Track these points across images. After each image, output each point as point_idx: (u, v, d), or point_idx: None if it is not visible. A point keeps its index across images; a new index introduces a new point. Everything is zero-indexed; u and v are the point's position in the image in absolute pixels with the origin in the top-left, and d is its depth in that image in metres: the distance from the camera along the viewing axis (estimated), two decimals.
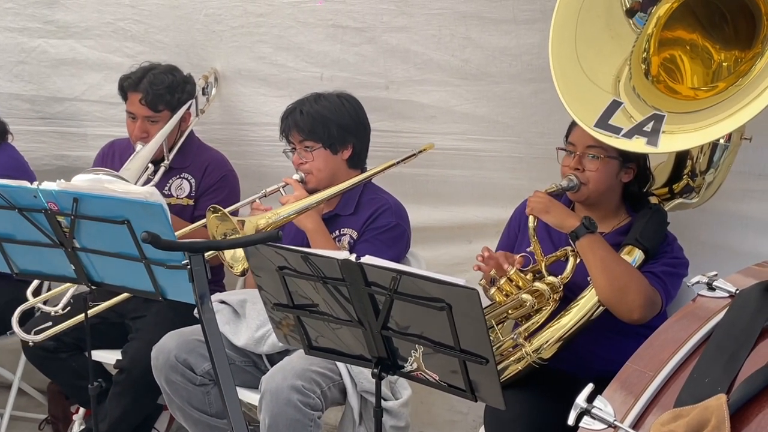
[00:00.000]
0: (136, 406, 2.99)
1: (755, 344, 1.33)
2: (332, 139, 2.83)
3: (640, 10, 2.47)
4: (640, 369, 1.37)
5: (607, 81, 2.44)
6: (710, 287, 1.45)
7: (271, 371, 2.65)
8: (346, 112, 2.87)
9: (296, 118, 2.84)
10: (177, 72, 3.24)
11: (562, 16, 2.51)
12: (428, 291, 1.95)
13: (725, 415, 1.22)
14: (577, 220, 2.39)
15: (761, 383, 1.26)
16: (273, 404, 2.56)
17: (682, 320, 1.45)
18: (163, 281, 2.31)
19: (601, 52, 2.49)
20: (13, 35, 3.73)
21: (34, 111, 3.78)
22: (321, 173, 2.85)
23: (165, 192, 3.19)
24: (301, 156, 2.85)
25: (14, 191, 2.23)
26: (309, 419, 2.58)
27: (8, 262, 2.44)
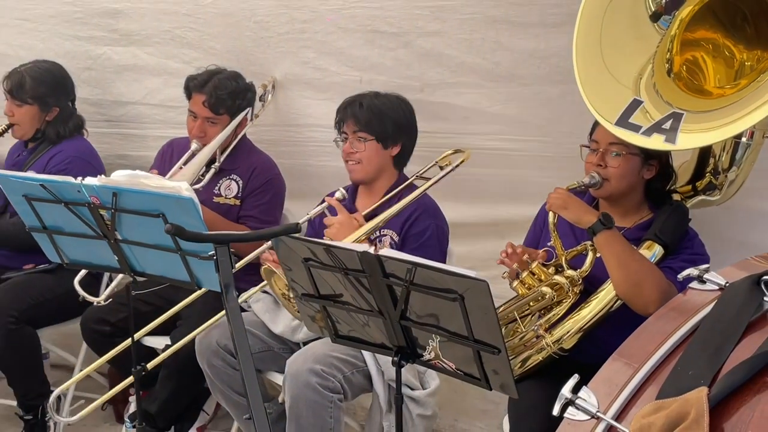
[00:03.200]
0: (183, 389, 3.04)
1: (741, 338, 1.27)
2: (386, 134, 2.81)
3: (664, 13, 2.40)
4: (625, 361, 1.31)
5: (629, 79, 2.37)
6: (701, 280, 1.38)
7: (294, 356, 2.68)
8: (402, 111, 2.86)
9: (355, 110, 2.82)
10: (240, 79, 3.26)
11: (588, 18, 2.46)
12: (442, 282, 1.93)
13: (705, 408, 1.16)
14: (595, 216, 2.34)
15: (742, 377, 1.19)
16: (293, 386, 2.59)
17: (669, 313, 1.39)
18: (198, 272, 2.34)
19: (625, 51, 2.43)
20: (81, 43, 3.83)
21: (99, 114, 3.86)
22: (370, 165, 2.84)
23: (215, 191, 3.22)
24: (353, 145, 2.83)
25: (60, 186, 2.27)
26: (328, 401, 2.59)
27: (59, 252, 2.49)
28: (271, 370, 2.90)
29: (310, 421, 2.60)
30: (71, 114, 3.53)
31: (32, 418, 3.31)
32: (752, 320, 1.29)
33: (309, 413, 2.59)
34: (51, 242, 2.46)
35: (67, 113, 3.51)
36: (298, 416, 2.60)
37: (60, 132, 3.46)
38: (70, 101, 3.55)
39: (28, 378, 3.30)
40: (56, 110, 3.47)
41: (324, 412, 2.60)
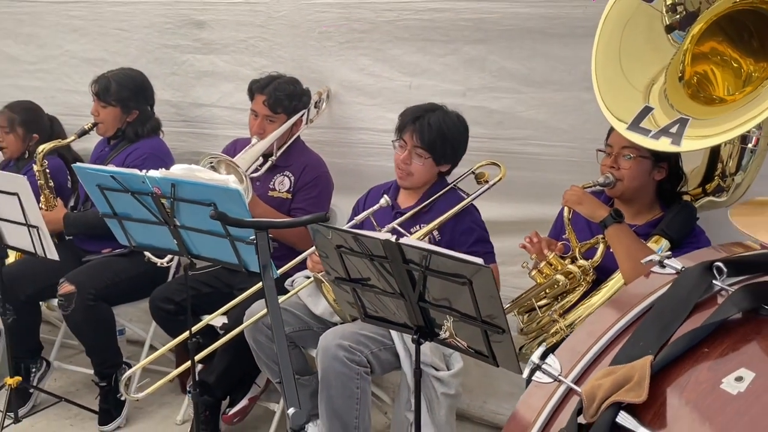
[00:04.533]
0: (237, 363, 3.21)
1: (689, 316, 1.36)
2: (443, 156, 2.90)
3: (678, 28, 2.47)
4: (588, 332, 1.42)
5: (643, 86, 2.45)
6: (662, 265, 1.48)
7: (326, 333, 2.83)
8: (461, 136, 2.92)
9: (423, 126, 2.84)
10: (298, 84, 3.45)
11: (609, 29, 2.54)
12: (453, 268, 2.06)
13: (647, 372, 1.27)
14: (606, 211, 2.45)
15: (683, 347, 1.30)
16: (323, 359, 2.74)
17: (631, 290, 1.49)
18: (245, 255, 2.52)
19: (642, 59, 2.51)
20: (168, 51, 4.04)
21: (178, 115, 4.07)
22: (419, 178, 2.92)
23: (270, 186, 3.41)
24: (410, 156, 2.88)
25: (128, 177, 2.49)
26: (355, 373, 2.73)
27: (127, 236, 2.72)
28: (311, 347, 3.06)
29: (339, 391, 2.74)
30: (149, 117, 3.75)
31: (106, 385, 3.56)
32: (700, 301, 1.38)
33: (338, 383, 2.74)
34: (121, 227, 2.69)
35: (146, 116, 3.73)
36: (329, 386, 2.75)
37: (138, 132, 3.68)
38: (149, 105, 3.77)
39: (104, 349, 3.54)
40: (136, 113, 3.69)
41: (351, 383, 2.75)
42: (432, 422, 2.84)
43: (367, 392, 2.79)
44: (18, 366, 3.54)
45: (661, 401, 1.25)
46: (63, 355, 4.00)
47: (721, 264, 1.41)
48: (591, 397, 1.27)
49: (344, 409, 2.75)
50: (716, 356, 1.28)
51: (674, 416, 1.23)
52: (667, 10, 2.46)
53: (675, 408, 1.24)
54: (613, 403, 1.25)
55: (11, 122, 3.88)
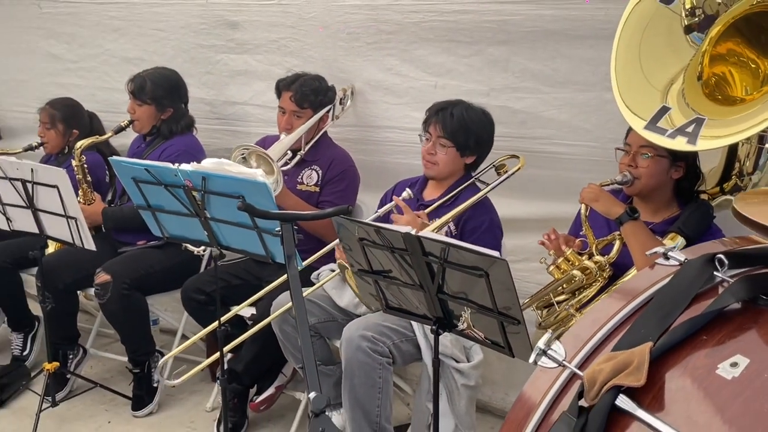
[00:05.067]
0: (265, 352, 3.28)
1: (689, 305, 1.40)
2: (466, 145, 2.96)
3: (697, 30, 2.50)
4: (592, 319, 1.47)
5: (661, 83, 2.48)
6: (666, 257, 1.52)
7: (349, 324, 2.88)
8: (485, 128, 2.99)
9: (446, 117, 2.94)
10: (323, 80, 3.52)
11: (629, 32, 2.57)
12: (470, 261, 2.11)
13: (646, 358, 1.31)
14: (622, 208, 2.49)
15: (682, 334, 1.34)
16: (347, 349, 2.80)
17: (635, 281, 1.53)
18: (272, 247, 2.59)
19: (661, 60, 2.54)
20: (204, 51, 4.12)
21: (212, 112, 4.16)
22: (444, 168, 2.99)
23: (298, 180, 3.48)
24: (434, 147, 2.97)
25: (161, 170, 2.57)
26: (378, 363, 2.78)
27: (161, 227, 2.80)
28: (335, 338, 3.11)
29: (361, 381, 2.79)
30: (183, 115, 3.83)
31: (140, 371, 3.66)
32: (701, 291, 1.42)
33: (361, 373, 2.79)
34: (154, 219, 2.78)
35: (180, 114, 3.81)
36: (352, 375, 2.81)
37: (172, 129, 3.77)
38: (183, 103, 3.85)
39: (137, 337, 3.64)
40: (170, 111, 3.78)
41: (374, 373, 2.80)
42: (452, 412, 2.89)
43: (389, 382, 2.84)
44: (56, 352, 3.63)
45: (659, 385, 1.29)
46: (99, 343, 4.11)
47: (722, 256, 1.44)
48: (592, 380, 1.32)
49: (366, 399, 2.80)
50: (714, 343, 1.31)
51: (671, 399, 1.27)
52: (686, 14, 2.48)
53: (672, 392, 1.28)
54: (613, 386, 1.29)
55: (52, 118, 4.00)
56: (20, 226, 3.38)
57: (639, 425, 1.26)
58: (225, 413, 3.02)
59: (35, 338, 4.07)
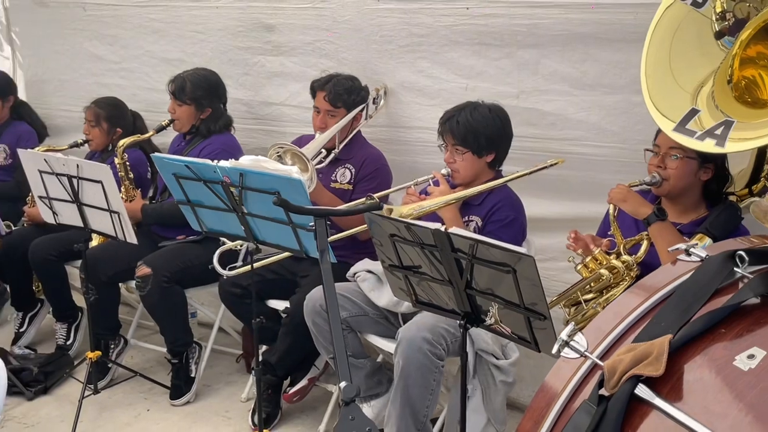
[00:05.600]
0: (298, 344, 3.32)
1: (709, 300, 1.43)
2: (479, 147, 2.99)
3: (728, 34, 2.50)
4: (614, 312, 1.50)
5: (691, 86, 2.48)
6: (687, 253, 1.54)
7: (408, 324, 2.90)
8: (494, 125, 3.01)
9: (453, 126, 3.00)
10: (356, 80, 3.58)
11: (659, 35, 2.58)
12: (498, 257, 2.14)
13: (665, 349, 1.34)
14: (650, 209, 2.50)
15: (701, 327, 1.36)
16: (407, 350, 2.80)
17: (657, 276, 1.56)
18: (306, 243, 2.65)
19: (691, 63, 2.54)
20: (241, 53, 4.18)
21: (249, 113, 4.21)
22: (466, 172, 3.03)
23: (332, 178, 3.53)
24: (452, 155, 3.03)
25: (200, 167, 2.64)
26: (435, 366, 2.80)
27: (199, 222, 2.87)
28: (367, 333, 3.16)
29: (417, 382, 2.80)
30: (221, 114, 3.90)
31: (178, 362, 3.73)
32: (721, 286, 1.44)
33: (417, 375, 2.79)
34: (193, 213, 2.85)
35: (218, 113, 3.88)
36: (407, 376, 2.81)
37: (211, 128, 3.84)
38: (222, 104, 3.92)
39: (176, 328, 3.71)
40: (209, 110, 3.84)
41: (429, 375, 2.81)
42: (486, 408, 2.92)
43: (440, 384, 2.86)
44: (98, 342, 3.72)
45: (677, 376, 1.32)
46: (139, 334, 4.20)
47: (743, 253, 1.46)
48: (612, 370, 1.35)
49: (418, 399, 2.82)
50: (732, 336, 1.34)
51: (689, 389, 1.30)
52: (716, 18, 2.49)
53: (690, 382, 1.31)
54: (633, 376, 1.32)
55: (97, 117, 4.10)
56: (66, 220, 3.48)
57: (657, 414, 1.29)
58: (259, 404, 3.07)
59: (79, 328, 4.16)
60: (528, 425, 1.45)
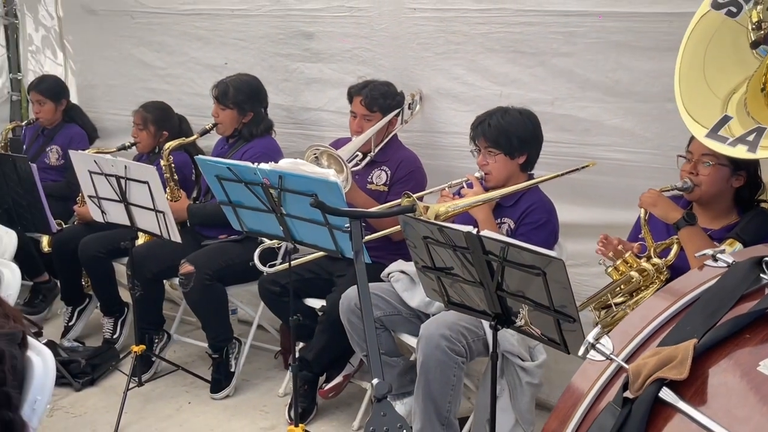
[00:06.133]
0: (333, 342, 3.35)
1: (734, 306, 1.42)
2: (512, 148, 2.99)
3: (763, 43, 2.47)
4: (640, 316, 1.50)
5: (723, 93, 2.46)
6: (714, 259, 1.54)
7: (428, 321, 2.92)
8: (525, 127, 3.02)
9: (485, 128, 3.02)
10: (391, 86, 3.60)
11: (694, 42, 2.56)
12: (529, 260, 2.15)
13: (690, 353, 1.34)
14: (680, 214, 2.49)
15: (725, 332, 1.36)
16: (426, 347, 2.82)
17: (683, 281, 1.56)
18: (342, 243, 2.67)
19: (725, 70, 2.52)
20: (281, 59, 4.23)
21: (289, 117, 4.25)
22: (499, 174, 3.03)
23: (368, 179, 3.55)
24: (485, 158, 3.03)
25: (242, 169, 2.69)
26: (454, 362, 2.81)
27: (240, 222, 2.92)
28: (400, 332, 3.17)
29: (437, 377, 2.83)
30: (263, 118, 3.94)
31: (218, 357, 3.78)
32: (747, 292, 1.44)
33: (437, 371, 2.82)
34: (234, 214, 2.90)
35: (260, 118, 3.92)
36: (428, 372, 2.84)
37: (253, 132, 3.88)
38: (263, 108, 3.96)
39: (217, 324, 3.76)
40: (251, 115, 3.89)
41: (449, 371, 2.83)
42: (513, 409, 2.92)
43: (462, 380, 2.88)
44: (143, 336, 3.78)
45: (701, 380, 1.32)
46: (182, 330, 4.26)
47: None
48: (637, 373, 1.35)
49: (440, 395, 2.83)
50: (757, 342, 1.33)
51: (713, 393, 1.30)
52: (752, 27, 2.46)
53: (714, 386, 1.30)
54: (657, 379, 1.32)
55: (144, 120, 4.17)
56: (114, 219, 3.55)
57: (681, 417, 1.29)
58: (295, 399, 3.10)
59: (125, 323, 4.23)
60: (554, 425, 1.45)
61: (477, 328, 2.89)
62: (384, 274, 3.26)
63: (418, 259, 2.52)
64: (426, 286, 2.61)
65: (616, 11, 3.09)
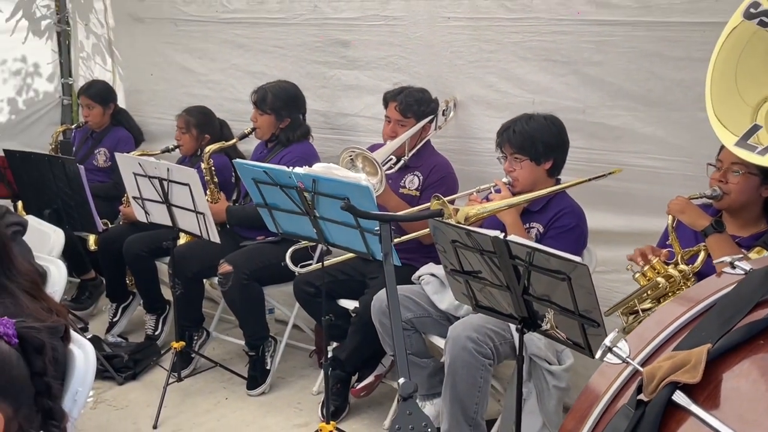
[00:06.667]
0: (366, 342, 3.39)
1: (749, 312, 1.43)
2: (537, 154, 3.00)
3: None
4: (656, 321, 1.51)
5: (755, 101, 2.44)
6: (732, 266, 1.54)
7: (455, 323, 2.94)
8: (550, 132, 3.02)
9: (510, 135, 3.03)
10: (426, 92, 3.63)
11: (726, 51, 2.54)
12: (554, 265, 2.17)
13: (703, 358, 1.34)
14: (708, 221, 2.48)
15: (740, 338, 1.36)
16: (453, 348, 2.85)
17: (700, 287, 1.56)
18: (373, 245, 2.71)
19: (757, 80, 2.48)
20: (319, 66, 4.29)
21: (326, 123, 4.31)
22: (525, 180, 3.04)
23: (401, 184, 3.58)
24: (511, 164, 3.05)
25: (277, 173, 2.74)
26: (480, 364, 2.83)
27: (275, 224, 2.97)
28: (430, 333, 3.19)
29: (464, 379, 2.85)
30: (300, 124, 3.99)
31: (255, 354, 3.84)
32: (763, 299, 1.43)
33: (464, 372, 2.84)
34: (270, 216, 2.95)
35: (297, 123, 3.97)
36: (455, 373, 2.86)
37: (290, 137, 3.94)
38: (301, 114, 4.01)
39: (254, 323, 3.82)
40: (288, 120, 3.94)
41: (476, 373, 2.84)
42: (541, 411, 2.92)
43: (489, 382, 2.89)
44: (183, 333, 3.86)
45: (714, 384, 1.32)
46: (221, 328, 4.33)
47: None
48: (651, 376, 1.36)
49: (466, 396, 2.85)
50: None
51: (725, 397, 1.30)
52: None
53: (727, 390, 1.31)
54: (670, 382, 1.33)
55: (187, 124, 4.27)
56: (156, 219, 3.65)
57: (693, 420, 1.30)
58: (327, 397, 3.14)
59: (166, 320, 4.33)
60: (571, 424, 1.47)
61: (504, 331, 2.90)
62: (415, 277, 3.29)
63: (447, 262, 2.55)
64: (455, 289, 2.64)
65: (648, 20, 3.08)
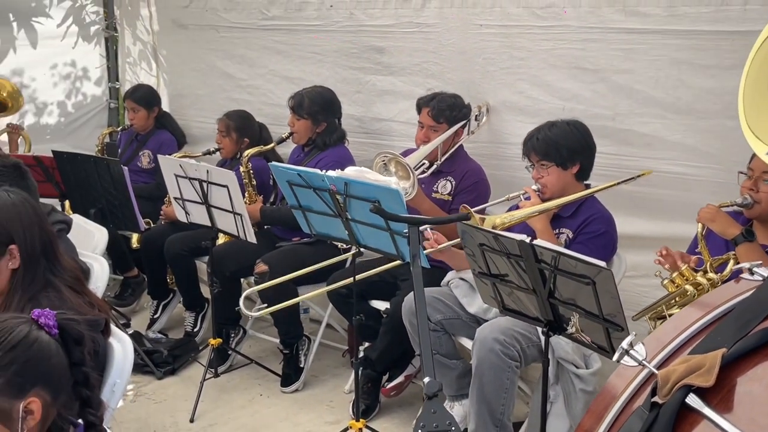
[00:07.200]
0: (396, 343, 3.42)
1: (765, 318, 1.43)
2: (563, 159, 3.01)
3: None
4: (674, 325, 1.53)
5: None
6: (751, 272, 1.55)
7: (483, 326, 2.96)
8: (574, 137, 3.02)
9: (534, 143, 3.05)
10: (458, 98, 3.65)
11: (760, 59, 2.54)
12: (579, 269, 2.18)
13: (717, 362, 1.36)
14: (738, 230, 2.47)
15: (754, 342, 1.37)
16: (480, 350, 2.87)
17: (718, 292, 1.57)
18: (403, 248, 2.75)
19: None
20: (354, 72, 4.34)
21: (360, 127, 4.36)
22: (554, 186, 3.04)
23: (433, 188, 3.61)
24: (539, 172, 3.06)
25: (310, 176, 2.79)
26: (507, 366, 2.84)
27: (309, 225, 3.02)
28: (460, 335, 3.21)
29: (491, 380, 2.86)
30: (336, 129, 4.03)
31: (289, 352, 3.90)
32: None
33: (491, 373, 2.86)
34: (304, 217, 3.00)
35: (333, 128, 4.02)
36: (482, 375, 2.87)
37: (326, 141, 3.98)
38: (337, 119, 4.06)
39: (288, 322, 3.88)
40: (324, 125, 3.99)
41: (503, 374, 2.86)
42: (568, 414, 2.93)
43: (515, 384, 2.90)
44: (220, 330, 3.94)
45: (728, 388, 1.34)
46: (257, 326, 4.39)
47: None
48: (665, 379, 1.38)
49: (493, 397, 2.87)
50: None
51: (738, 401, 1.31)
52: None
53: (740, 395, 1.32)
54: (684, 385, 1.35)
55: (227, 128, 4.35)
56: (196, 219, 3.72)
57: (706, 423, 1.31)
58: (357, 395, 3.18)
59: (204, 317, 4.40)
60: (588, 423, 1.50)
61: (531, 334, 2.91)
62: (444, 282, 3.31)
63: (476, 266, 2.58)
64: (483, 292, 2.66)
65: (677, 29, 3.08)
